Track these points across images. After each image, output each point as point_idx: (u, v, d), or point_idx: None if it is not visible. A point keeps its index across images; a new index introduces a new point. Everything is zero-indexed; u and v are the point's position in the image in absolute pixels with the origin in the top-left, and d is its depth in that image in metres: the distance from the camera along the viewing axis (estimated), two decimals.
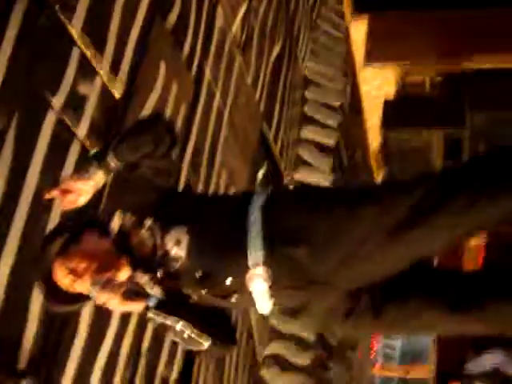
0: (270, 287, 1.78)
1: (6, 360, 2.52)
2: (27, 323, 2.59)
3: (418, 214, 1.68)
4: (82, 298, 1.89)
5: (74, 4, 2.73)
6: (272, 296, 1.81)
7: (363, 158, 8.67)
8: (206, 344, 1.86)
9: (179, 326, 1.83)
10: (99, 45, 2.97)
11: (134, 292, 1.84)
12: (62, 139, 2.72)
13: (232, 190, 4.54)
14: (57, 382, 2.80)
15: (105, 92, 3.05)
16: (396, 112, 5.73)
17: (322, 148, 6.56)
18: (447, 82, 5.05)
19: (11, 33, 2.38)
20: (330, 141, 6.64)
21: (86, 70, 2.89)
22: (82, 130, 2.86)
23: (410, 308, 1.82)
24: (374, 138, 7.58)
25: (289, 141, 5.97)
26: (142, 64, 3.30)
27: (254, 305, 1.86)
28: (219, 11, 4.38)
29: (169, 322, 1.84)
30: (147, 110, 3.40)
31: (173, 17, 3.68)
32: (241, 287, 1.80)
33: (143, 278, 1.87)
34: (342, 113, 7.23)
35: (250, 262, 1.76)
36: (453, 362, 5.28)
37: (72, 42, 2.77)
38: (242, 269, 1.78)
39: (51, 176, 2.57)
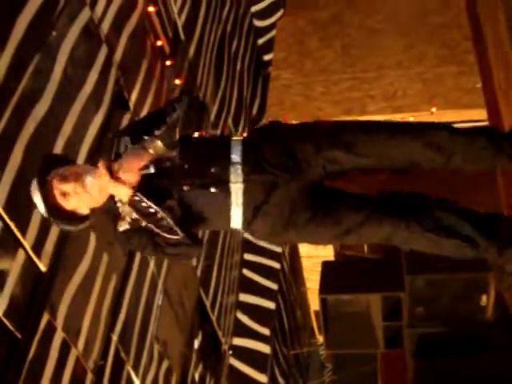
0: (245, 176, 2.13)
1: None
2: None
3: None
4: (82, 218, 2.17)
5: None
6: (245, 188, 2.13)
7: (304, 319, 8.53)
8: (181, 234, 2.08)
9: (161, 213, 2.06)
10: (24, 216, 2.84)
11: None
12: None
13: (165, 362, 4.28)
14: None
15: (29, 264, 2.87)
16: (334, 275, 5.66)
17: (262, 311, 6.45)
18: (385, 246, 5.06)
19: None
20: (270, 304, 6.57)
21: (8, 242, 2.74)
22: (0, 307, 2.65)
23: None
24: (313, 300, 7.47)
25: (227, 305, 5.79)
26: (70, 235, 3.15)
27: (228, 202, 2.14)
28: None
29: (153, 207, 2.07)
30: (74, 284, 3.22)
31: None
32: (221, 177, 2.12)
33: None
34: (282, 274, 7.18)
35: (233, 156, 2.15)
36: None
37: None
38: (225, 161, 2.14)
39: None
